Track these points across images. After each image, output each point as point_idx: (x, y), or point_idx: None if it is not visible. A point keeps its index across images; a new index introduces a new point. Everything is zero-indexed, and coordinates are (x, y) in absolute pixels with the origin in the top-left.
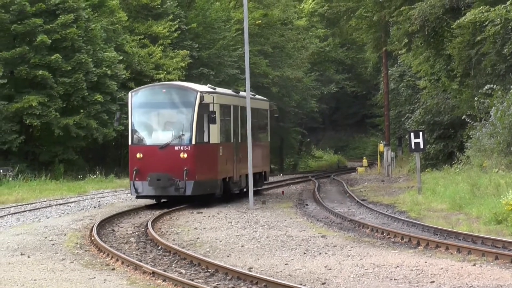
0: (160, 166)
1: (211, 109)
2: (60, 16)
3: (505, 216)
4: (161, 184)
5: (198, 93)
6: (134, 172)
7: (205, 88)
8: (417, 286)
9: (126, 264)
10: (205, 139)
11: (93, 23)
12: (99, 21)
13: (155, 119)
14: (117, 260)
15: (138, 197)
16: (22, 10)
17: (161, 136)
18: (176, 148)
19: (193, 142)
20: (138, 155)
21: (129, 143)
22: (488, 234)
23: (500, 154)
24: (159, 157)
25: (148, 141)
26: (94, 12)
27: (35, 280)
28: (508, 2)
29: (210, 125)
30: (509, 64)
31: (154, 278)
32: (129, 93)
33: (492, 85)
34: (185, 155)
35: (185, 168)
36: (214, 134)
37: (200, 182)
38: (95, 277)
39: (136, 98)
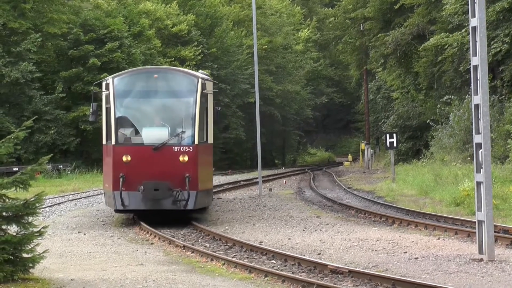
0: (155, 172)
1: (210, 100)
2: (108, 43)
3: (462, 199)
4: (159, 196)
5: (200, 80)
6: (121, 180)
7: (202, 74)
8: (393, 255)
9: (162, 239)
10: (205, 138)
11: (133, 48)
12: (139, 47)
13: (146, 112)
14: (155, 236)
15: (119, 211)
16: (78, 38)
17: (154, 134)
18: (175, 149)
19: (196, 141)
20: (124, 158)
21: (112, 142)
22: (449, 214)
23: (458, 150)
24: (153, 160)
25: (138, 140)
26: (134, 40)
27: (90, 252)
28: (463, 30)
29: (209, 120)
30: (464, 79)
31: (184, 250)
32: (110, 79)
33: (450, 96)
34: (186, 158)
35: (186, 175)
36: (211, 132)
37: (203, 193)
38: (137, 250)
39: (121, 85)
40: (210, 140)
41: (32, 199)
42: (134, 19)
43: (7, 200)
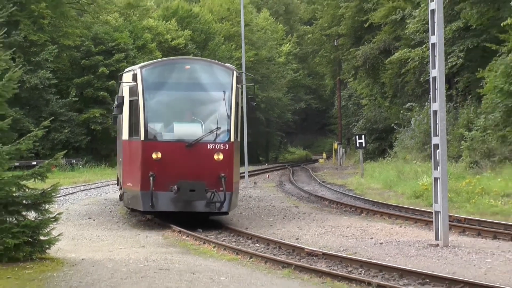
0: (189, 171)
1: (239, 94)
2: (115, 54)
3: (421, 193)
4: (194, 197)
5: (234, 72)
6: (151, 179)
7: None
8: (361, 241)
9: (161, 225)
10: (238, 135)
11: (138, 59)
12: (142, 58)
13: (178, 105)
14: (155, 222)
15: (147, 212)
16: (89, 50)
17: (187, 129)
18: (210, 146)
19: (232, 138)
20: (154, 155)
21: (141, 137)
22: (410, 205)
23: (418, 150)
24: (186, 158)
25: (170, 135)
26: (138, 52)
27: (98, 236)
28: (424, 46)
29: (239, 116)
30: (424, 88)
31: (180, 234)
32: (138, 69)
33: (412, 103)
34: (221, 156)
35: (222, 175)
36: (240, 129)
37: (235, 194)
38: (140, 234)
39: (150, 76)
40: (239, 137)
41: (48, 189)
42: (138, 34)
43: (27, 190)
